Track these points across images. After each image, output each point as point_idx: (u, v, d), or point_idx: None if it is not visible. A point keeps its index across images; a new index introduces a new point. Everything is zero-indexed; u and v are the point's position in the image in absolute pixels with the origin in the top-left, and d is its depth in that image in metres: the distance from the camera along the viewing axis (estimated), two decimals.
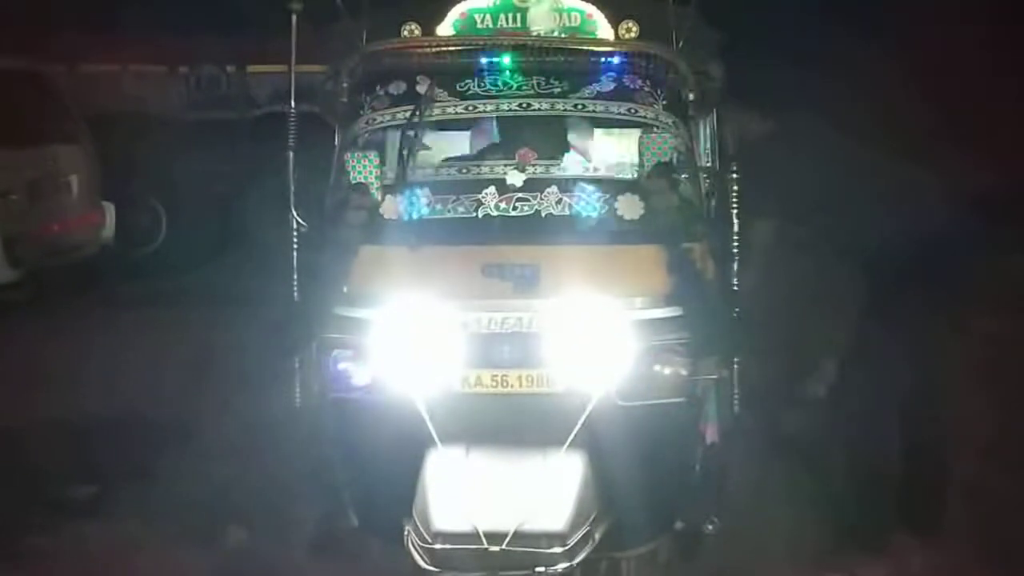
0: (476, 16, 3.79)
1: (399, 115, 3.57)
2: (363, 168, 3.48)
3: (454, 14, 3.80)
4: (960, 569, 3.83)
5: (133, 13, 8.42)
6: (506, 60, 3.60)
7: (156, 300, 7.67)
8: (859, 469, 3.85)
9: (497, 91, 3.59)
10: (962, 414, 4.20)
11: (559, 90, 3.57)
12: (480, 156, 3.82)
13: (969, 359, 4.47)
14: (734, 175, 3.48)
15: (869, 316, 3.88)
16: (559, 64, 3.60)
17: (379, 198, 3.47)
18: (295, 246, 3.56)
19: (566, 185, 3.51)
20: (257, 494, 4.31)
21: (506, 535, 2.78)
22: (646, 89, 3.58)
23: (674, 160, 3.47)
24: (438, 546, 2.81)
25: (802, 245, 4.04)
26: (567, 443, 3.00)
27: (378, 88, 3.64)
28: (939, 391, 3.97)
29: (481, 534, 2.78)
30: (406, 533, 2.97)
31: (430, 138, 3.83)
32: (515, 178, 3.50)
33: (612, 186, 3.54)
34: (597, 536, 2.97)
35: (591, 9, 3.75)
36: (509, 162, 3.60)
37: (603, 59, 3.62)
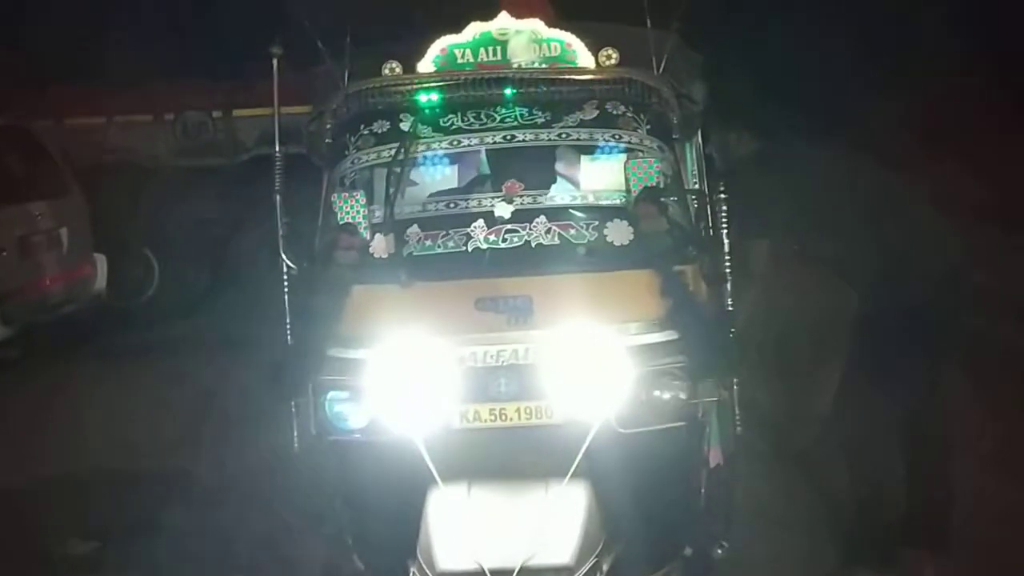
0: (456, 51, 3.80)
1: (384, 153, 3.57)
2: (351, 208, 3.48)
3: (434, 50, 3.81)
4: None
5: (116, 63, 8.45)
6: (488, 93, 3.61)
7: (151, 350, 7.65)
8: (865, 485, 3.82)
9: (481, 124, 3.59)
10: (965, 426, 4.18)
11: (542, 120, 3.57)
12: (467, 190, 3.81)
13: (970, 371, 4.47)
14: (722, 195, 3.47)
15: (867, 331, 3.87)
16: (541, 94, 3.60)
17: (368, 237, 3.47)
18: (286, 289, 3.55)
19: (555, 214, 3.51)
20: (260, 541, 4.27)
21: (512, 571, 2.75)
22: (629, 114, 3.59)
23: (661, 183, 3.47)
24: None
25: (796, 262, 4.03)
26: (569, 474, 2.97)
27: (362, 127, 3.65)
28: (941, 403, 3.95)
29: (487, 572, 2.75)
30: (411, 574, 2.93)
31: (416, 174, 3.83)
32: (503, 210, 3.50)
33: (601, 213, 3.53)
34: (605, 567, 2.94)
35: (570, 38, 3.76)
36: (496, 194, 3.60)
37: (585, 87, 3.63)
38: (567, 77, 3.64)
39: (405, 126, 3.58)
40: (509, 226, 3.46)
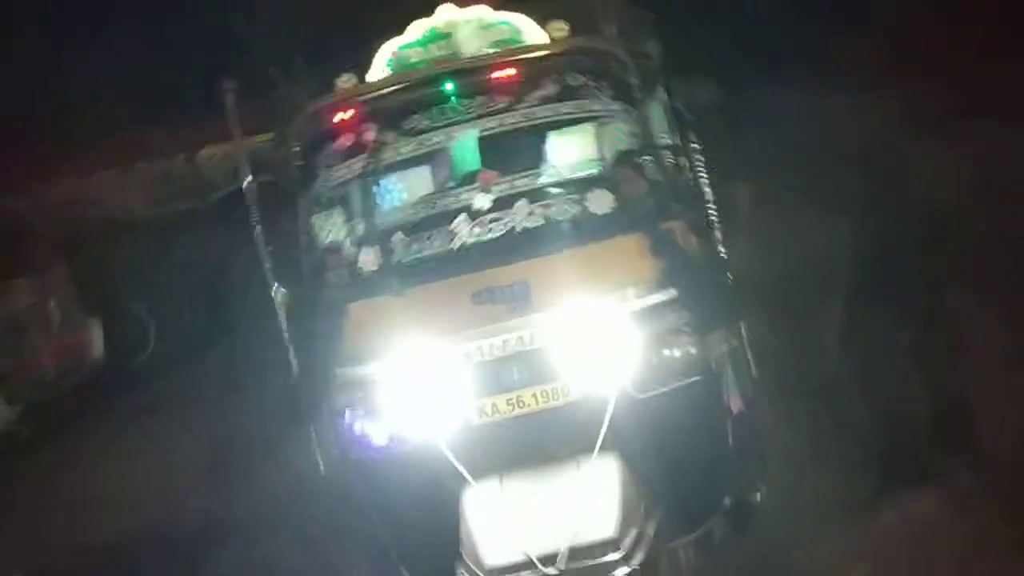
0: (407, 52, 3.78)
1: (355, 167, 3.55)
2: (331, 226, 3.47)
3: (385, 54, 3.79)
4: (1005, 478, 3.80)
5: (75, 126, 8.42)
6: (446, 88, 3.59)
7: (159, 404, 7.60)
8: (887, 406, 3.83)
9: (445, 120, 3.57)
10: (975, 332, 4.16)
11: (505, 104, 3.55)
12: (444, 187, 3.78)
13: (973, 270, 4.44)
14: (695, 146, 3.47)
15: (859, 254, 3.87)
16: (499, 79, 3.58)
17: (354, 253, 3.45)
18: (283, 319, 3.53)
19: (534, 195, 3.49)
20: (306, 571, 4.26)
21: (559, 555, 2.75)
22: (590, 83, 3.57)
23: (633, 145, 3.46)
24: None
25: (779, 199, 4.03)
26: (597, 448, 2.97)
27: (328, 145, 3.63)
28: (947, 309, 3.95)
29: (535, 560, 2.76)
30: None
31: (390, 181, 3.80)
32: (482, 201, 3.49)
33: (579, 185, 3.52)
34: (650, 532, 2.95)
35: (518, 18, 3.74)
36: (472, 187, 3.58)
37: (540, 64, 3.61)
38: (521, 57, 3.62)
39: (370, 135, 3.56)
40: (491, 215, 3.45)
